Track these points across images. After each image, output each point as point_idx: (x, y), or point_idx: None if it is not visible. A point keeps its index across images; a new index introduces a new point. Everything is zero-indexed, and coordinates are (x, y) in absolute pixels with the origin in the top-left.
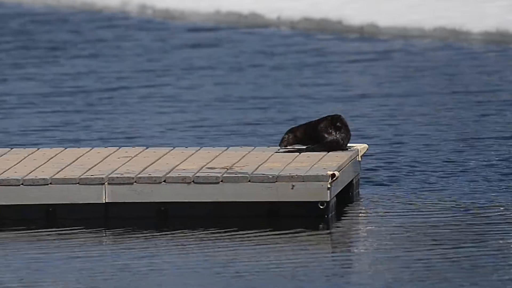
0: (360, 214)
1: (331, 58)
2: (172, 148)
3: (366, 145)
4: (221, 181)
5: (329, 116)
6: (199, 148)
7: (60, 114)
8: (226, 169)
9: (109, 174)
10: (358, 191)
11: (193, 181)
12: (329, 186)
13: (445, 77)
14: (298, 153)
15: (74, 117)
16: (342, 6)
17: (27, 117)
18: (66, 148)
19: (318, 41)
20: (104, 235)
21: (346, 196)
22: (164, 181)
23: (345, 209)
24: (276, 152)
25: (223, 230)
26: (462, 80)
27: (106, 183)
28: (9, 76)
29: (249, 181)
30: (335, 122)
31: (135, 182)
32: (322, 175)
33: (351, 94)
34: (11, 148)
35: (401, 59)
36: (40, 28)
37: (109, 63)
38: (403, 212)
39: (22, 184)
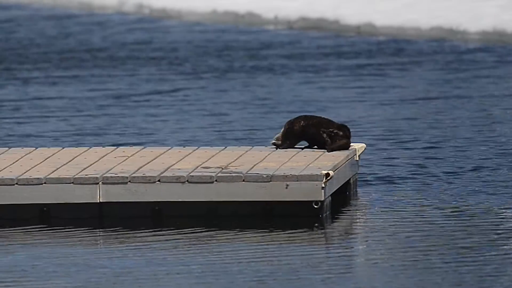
0: (356, 214)
1: (366, 61)
2: (170, 147)
3: (364, 145)
4: (216, 180)
5: (306, 116)
6: (196, 147)
7: (98, 118)
8: (221, 169)
9: (104, 174)
10: (356, 191)
11: (187, 181)
12: (323, 185)
13: (454, 80)
14: (295, 153)
15: (110, 120)
16: (339, 6)
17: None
18: (63, 148)
19: (347, 42)
20: (98, 234)
21: (343, 196)
22: (159, 180)
23: (341, 209)
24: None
25: (217, 230)
26: (467, 83)
27: (100, 183)
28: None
29: (244, 180)
30: (334, 126)
31: (129, 181)
32: (316, 174)
33: (358, 97)
34: (9, 148)
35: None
36: (56, 30)
37: (139, 66)
38: (400, 213)
39: (16, 183)
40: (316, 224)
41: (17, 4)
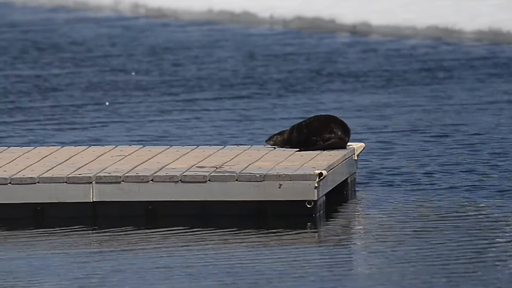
0: (350, 214)
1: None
2: (168, 147)
3: (362, 144)
4: (209, 180)
5: (316, 116)
6: (195, 147)
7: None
8: (215, 168)
9: (97, 173)
10: (354, 190)
11: (180, 180)
12: (316, 185)
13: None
14: (292, 152)
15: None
16: (335, 5)
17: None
18: (62, 147)
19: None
20: (91, 234)
21: (341, 195)
22: (152, 180)
23: (337, 209)
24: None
25: (211, 229)
26: (468, 83)
27: (93, 182)
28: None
29: (237, 180)
30: (331, 122)
31: (123, 181)
32: (310, 174)
33: (360, 99)
34: (8, 147)
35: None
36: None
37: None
38: (397, 213)
39: (10, 183)
40: (309, 224)
41: (10, 2)
